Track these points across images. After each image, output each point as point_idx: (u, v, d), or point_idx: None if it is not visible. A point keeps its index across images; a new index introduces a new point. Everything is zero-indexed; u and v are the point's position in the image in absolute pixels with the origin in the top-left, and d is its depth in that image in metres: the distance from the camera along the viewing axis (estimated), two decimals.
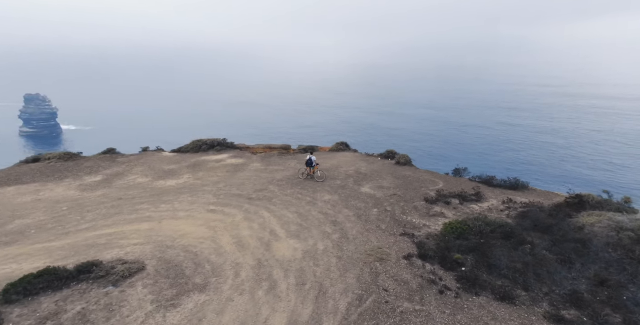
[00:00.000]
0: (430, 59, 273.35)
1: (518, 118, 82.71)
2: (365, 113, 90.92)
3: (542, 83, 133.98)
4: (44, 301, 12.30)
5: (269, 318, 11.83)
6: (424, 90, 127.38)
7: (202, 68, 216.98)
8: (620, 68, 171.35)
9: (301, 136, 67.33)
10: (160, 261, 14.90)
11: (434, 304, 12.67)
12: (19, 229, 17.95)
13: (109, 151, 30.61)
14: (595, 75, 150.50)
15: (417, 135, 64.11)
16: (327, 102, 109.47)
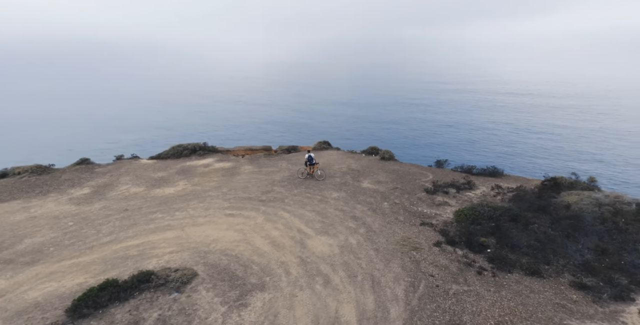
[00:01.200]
0: (348, 58, 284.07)
1: (429, 113, 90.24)
2: (292, 111, 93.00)
3: (444, 81, 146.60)
4: (116, 312, 12.82)
5: (339, 309, 13.36)
6: (344, 88, 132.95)
7: (114, 65, 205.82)
8: (511, 67, 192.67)
9: (233, 137, 67.58)
10: (207, 266, 15.73)
11: (477, 284, 14.95)
12: (33, 248, 17.63)
13: (84, 162, 29.68)
14: (491, 73, 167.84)
15: (345, 132, 68.05)
16: (255, 100, 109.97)
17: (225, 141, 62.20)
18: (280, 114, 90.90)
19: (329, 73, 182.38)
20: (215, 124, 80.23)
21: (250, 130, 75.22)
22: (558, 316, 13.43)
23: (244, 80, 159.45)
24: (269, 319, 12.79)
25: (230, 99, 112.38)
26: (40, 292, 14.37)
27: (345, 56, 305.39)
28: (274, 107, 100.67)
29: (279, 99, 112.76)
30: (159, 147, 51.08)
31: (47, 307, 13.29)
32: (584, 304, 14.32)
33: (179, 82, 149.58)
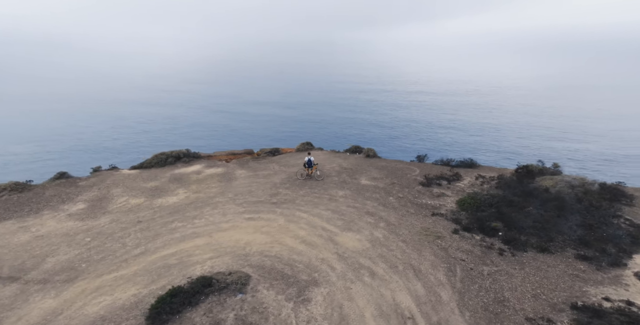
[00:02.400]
0: (274, 56, 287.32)
1: (357, 112, 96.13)
2: (215, 113, 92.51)
3: (367, 81, 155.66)
4: (192, 316, 13.87)
5: (395, 297, 15.41)
6: (271, 88, 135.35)
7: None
8: (429, 66, 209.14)
9: (150, 142, 66.66)
10: (254, 268, 17.04)
11: (503, 264, 17.72)
12: (62, 266, 17.74)
13: (62, 176, 28.88)
14: (409, 72, 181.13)
15: (278, 133, 70.41)
16: (174, 100, 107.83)
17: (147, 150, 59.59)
18: (203, 117, 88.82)
19: (254, 72, 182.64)
20: (153, 130, 77.28)
21: (175, 134, 72.81)
22: (576, 285, 16.49)
23: (161, 79, 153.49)
24: (336, 311, 14.46)
25: (149, 101, 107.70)
26: (98, 306, 14.87)
27: (271, 55, 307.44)
28: (194, 109, 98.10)
29: (201, 100, 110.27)
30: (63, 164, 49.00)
31: (118, 319, 13.94)
32: (591, 272, 17.59)
33: (97, 83, 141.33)
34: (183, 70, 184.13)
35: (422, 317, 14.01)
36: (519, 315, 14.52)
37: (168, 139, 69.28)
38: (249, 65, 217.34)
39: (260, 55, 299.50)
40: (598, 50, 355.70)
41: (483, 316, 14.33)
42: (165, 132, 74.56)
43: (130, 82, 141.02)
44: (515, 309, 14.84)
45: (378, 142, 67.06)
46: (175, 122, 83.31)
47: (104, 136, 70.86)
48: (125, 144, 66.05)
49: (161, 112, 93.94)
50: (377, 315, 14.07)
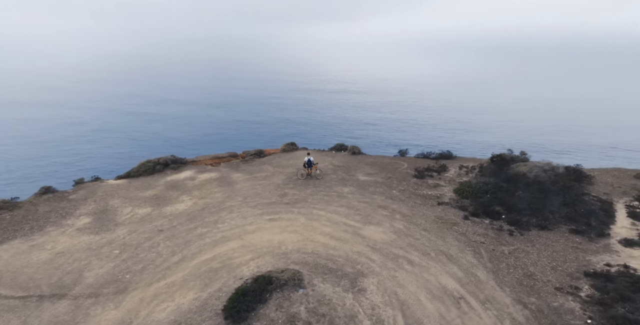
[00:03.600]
0: (195, 52, 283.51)
1: (287, 112, 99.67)
2: (128, 115, 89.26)
3: (298, 80, 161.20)
4: (266, 312, 15.37)
5: (439, 280, 17.82)
6: (191, 87, 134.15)
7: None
8: (353, 65, 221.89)
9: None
10: (299, 265, 18.71)
11: (517, 242, 20.79)
12: (105, 279, 18.21)
13: (48, 190, 28.22)
14: (334, 71, 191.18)
15: (204, 136, 70.70)
16: (74, 101, 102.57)
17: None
18: (113, 120, 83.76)
19: (172, 69, 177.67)
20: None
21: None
22: (580, 255, 19.93)
23: (58, 79, 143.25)
24: (393, 297, 16.51)
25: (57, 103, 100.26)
26: (165, 312, 15.82)
27: (193, 51, 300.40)
28: (100, 111, 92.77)
29: (107, 101, 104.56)
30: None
31: (193, 322, 15.05)
32: (586, 243, 21.19)
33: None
34: (86, 68, 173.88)
35: (470, 296, 16.47)
36: (548, 286, 17.49)
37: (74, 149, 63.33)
38: (168, 62, 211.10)
39: (182, 51, 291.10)
40: (510, 50, 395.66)
41: (521, 290, 17.13)
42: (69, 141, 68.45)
43: (23, 82, 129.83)
44: (543, 281, 17.81)
45: (316, 141, 69.47)
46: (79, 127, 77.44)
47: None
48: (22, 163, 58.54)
49: (61, 115, 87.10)
50: (432, 298, 16.32)
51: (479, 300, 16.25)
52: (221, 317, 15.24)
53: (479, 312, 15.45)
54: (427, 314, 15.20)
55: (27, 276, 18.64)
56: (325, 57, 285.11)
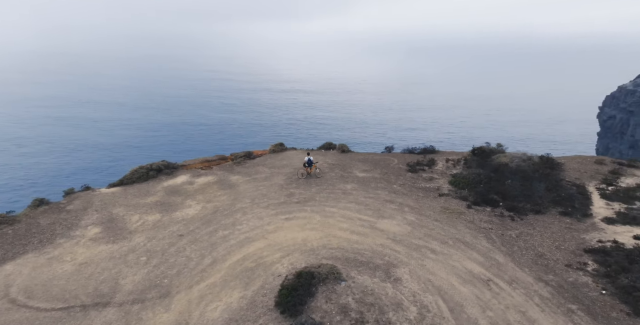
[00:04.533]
0: (133, 49, 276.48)
1: (237, 113, 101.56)
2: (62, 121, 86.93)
3: (241, 79, 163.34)
4: (317, 305, 16.63)
5: (464, 265, 19.78)
6: (130, 87, 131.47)
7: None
8: (297, 65, 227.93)
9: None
10: (330, 260, 20.05)
11: (520, 227, 23.16)
12: (144, 285, 18.68)
13: (42, 202, 27.63)
14: (281, 69, 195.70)
15: (124, 148, 69.90)
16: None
17: None
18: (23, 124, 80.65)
19: (106, 68, 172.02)
20: None
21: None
22: (575, 235, 22.70)
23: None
24: (428, 284, 18.19)
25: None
26: (217, 312, 16.72)
27: (130, 48, 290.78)
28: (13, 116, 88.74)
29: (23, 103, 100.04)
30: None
31: (250, 318, 16.07)
32: (576, 224, 23.99)
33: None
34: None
35: (497, 278, 18.50)
36: (559, 264, 19.89)
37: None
38: (105, 60, 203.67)
39: (119, 49, 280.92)
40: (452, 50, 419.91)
41: (538, 269, 19.41)
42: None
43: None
44: (553, 260, 20.21)
45: (271, 141, 70.75)
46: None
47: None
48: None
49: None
50: (463, 282, 18.15)
51: (505, 281, 18.27)
52: (276, 312, 16.24)
53: (509, 291, 17.45)
54: (464, 297, 16.96)
55: (60, 288, 18.70)
56: (271, 56, 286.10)
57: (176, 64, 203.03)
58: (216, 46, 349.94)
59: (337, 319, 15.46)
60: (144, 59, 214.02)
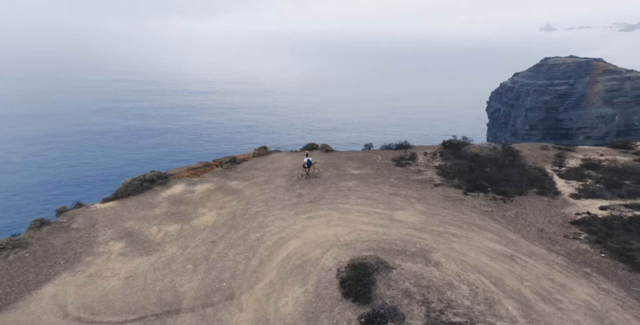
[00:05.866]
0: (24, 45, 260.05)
1: (144, 118, 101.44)
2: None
3: (147, 79, 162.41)
4: (382, 291, 19.22)
5: (485, 244, 23.17)
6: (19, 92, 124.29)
7: None
8: (205, 64, 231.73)
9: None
10: (369, 251, 22.54)
11: (513, 207, 27.16)
12: (205, 290, 19.92)
13: (43, 223, 27.05)
14: (188, 69, 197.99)
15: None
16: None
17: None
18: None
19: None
20: None
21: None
22: (556, 210, 27.27)
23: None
24: (465, 264, 21.15)
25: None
26: (289, 307, 18.68)
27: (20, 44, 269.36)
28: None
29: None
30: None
31: (324, 309, 18.23)
32: (552, 201, 28.87)
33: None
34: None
35: (518, 253, 22.06)
36: (557, 236, 23.96)
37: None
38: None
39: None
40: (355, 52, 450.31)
41: (545, 242, 23.33)
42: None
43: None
44: (552, 233, 24.29)
45: (190, 149, 71.36)
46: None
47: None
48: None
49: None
50: (493, 259, 21.44)
51: (526, 255, 21.85)
52: (346, 301, 18.34)
53: (532, 263, 21.03)
54: (499, 272, 20.22)
55: (121, 302, 19.31)
56: (178, 55, 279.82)
57: (62, 64, 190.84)
58: (106, 45, 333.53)
59: (405, 302, 17.90)
60: (32, 59, 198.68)
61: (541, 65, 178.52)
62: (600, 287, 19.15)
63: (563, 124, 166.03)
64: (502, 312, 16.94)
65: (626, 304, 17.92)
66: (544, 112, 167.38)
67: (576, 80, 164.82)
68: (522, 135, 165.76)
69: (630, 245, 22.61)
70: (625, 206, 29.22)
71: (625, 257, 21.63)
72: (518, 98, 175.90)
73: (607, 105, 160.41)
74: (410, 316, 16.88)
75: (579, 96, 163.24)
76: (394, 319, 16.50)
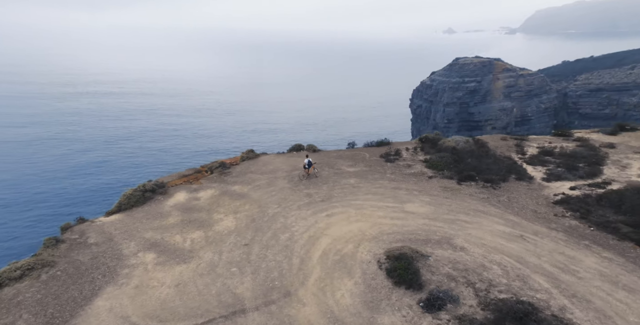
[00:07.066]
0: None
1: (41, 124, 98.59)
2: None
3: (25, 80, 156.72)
4: (428, 277, 21.88)
5: (495, 228, 26.59)
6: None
7: None
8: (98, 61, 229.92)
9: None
10: (399, 242, 25.18)
11: (503, 193, 31.04)
12: (261, 289, 21.47)
13: (59, 241, 26.91)
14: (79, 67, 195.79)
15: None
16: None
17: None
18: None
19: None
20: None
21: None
22: (537, 193, 31.65)
23: None
24: (486, 247, 24.36)
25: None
26: (347, 297, 20.90)
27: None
28: None
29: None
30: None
31: (381, 297, 20.40)
32: (531, 185, 33.21)
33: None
34: None
35: (526, 233, 25.55)
36: (550, 215, 27.94)
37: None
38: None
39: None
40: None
41: (542, 222, 27.21)
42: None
43: None
44: (544, 213, 28.34)
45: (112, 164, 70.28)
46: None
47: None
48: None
49: None
50: (507, 241, 24.86)
51: (532, 234, 25.50)
52: (400, 288, 20.74)
53: (541, 241, 24.67)
54: (517, 251, 23.61)
55: (183, 307, 20.41)
56: (85, 50, 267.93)
57: None
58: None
59: (452, 285, 20.66)
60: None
61: (453, 64, 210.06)
62: (602, 256, 23.14)
63: (474, 116, 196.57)
64: (535, 285, 20.20)
65: (628, 268, 21.98)
66: (458, 107, 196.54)
67: (482, 77, 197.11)
68: (441, 129, 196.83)
69: (609, 218, 27.05)
70: (589, 185, 34.20)
71: (610, 229, 25.95)
72: (436, 95, 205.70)
73: (507, 99, 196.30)
74: (462, 297, 19.60)
75: (484, 92, 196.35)
76: (450, 301, 19.17)
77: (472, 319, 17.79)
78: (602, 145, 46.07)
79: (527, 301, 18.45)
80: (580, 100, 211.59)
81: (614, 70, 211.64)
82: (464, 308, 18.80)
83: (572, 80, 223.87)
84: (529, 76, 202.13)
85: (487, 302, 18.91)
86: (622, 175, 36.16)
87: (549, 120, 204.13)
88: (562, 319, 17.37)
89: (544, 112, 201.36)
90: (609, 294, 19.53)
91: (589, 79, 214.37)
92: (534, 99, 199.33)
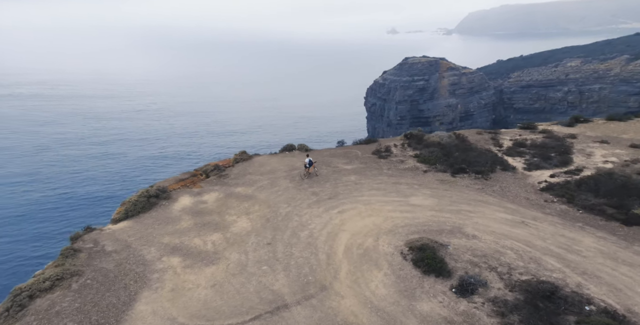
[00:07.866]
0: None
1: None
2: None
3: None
4: (452, 264, 23.95)
5: (497, 216, 29.12)
6: None
7: None
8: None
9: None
10: (415, 234, 27.09)
11: (495, 183, 33.73)
12: (297, 285, 22.73)
13: (76, 251, 26.90)
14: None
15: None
16: None
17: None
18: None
19: None
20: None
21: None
22: (523, 182, 34.59)
23: None
24: (495, 234, 26.63)
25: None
26: (381, 288, 22.56)
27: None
28: None
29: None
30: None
31: (414, 286, 22.28)
32: (516, 175, 35.84)
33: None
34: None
35: (526, 219, 28.06)
36: (541, 201, 30.77)
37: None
38: None
39: None
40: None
41: (537, 208, 30.00)
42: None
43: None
44: (535, 200, 31.23)
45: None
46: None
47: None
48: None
49: None
50: (512, 227, 27.34)
51: (531, 219, 28.13)
52: (430, 276, 22.57)
53: (539, 225, 27.31)
54: (523, 236, 26.10)
55: (227, 306, 21.37)
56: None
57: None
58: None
59: (476, 270, 22.76)
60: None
61: (403, 63, 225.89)
62: (597, 236, 26.06)
63: (423, 113, 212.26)
64: (549, 266, 22.65)
65: (621, 245, 24.96)
66: (409, 104, 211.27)
67: (430, 76, 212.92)
68: (395, 125, 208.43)
69: (592, 202, 30.18)
70: (565, 173, 37.58)
71: (597, 211, 29.05)
72: (389, 93, 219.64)
73: (452, 96, 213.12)
74: (489, 281, 21.69)
75: (432, 90, 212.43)
76: (480, 285, 21.21)
77: (505, 300, 19.92)
78: (565, 136, 50.23)
79: (547, 281, 20.81)
80: (514, 96, 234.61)
81: (541, 68, 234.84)
82: (494, 291, 20.91)
83: (507, 78, 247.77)
84: (470, 74, 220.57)
85: (513, 284, 21.11)
86: (590, 163, 39.94)
87: (489, 115, 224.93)
88: (581, 294, 19.83)
89: (484, 108, 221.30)
90: (614, 269, 22.29)
91: (520, 77, 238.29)
92: (475, 96, 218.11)
